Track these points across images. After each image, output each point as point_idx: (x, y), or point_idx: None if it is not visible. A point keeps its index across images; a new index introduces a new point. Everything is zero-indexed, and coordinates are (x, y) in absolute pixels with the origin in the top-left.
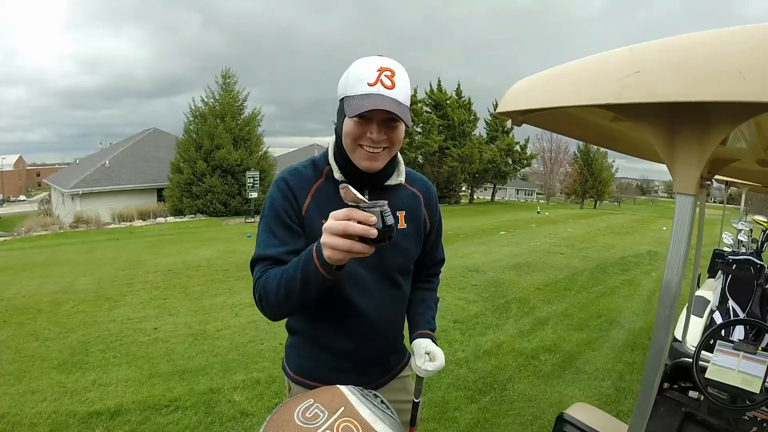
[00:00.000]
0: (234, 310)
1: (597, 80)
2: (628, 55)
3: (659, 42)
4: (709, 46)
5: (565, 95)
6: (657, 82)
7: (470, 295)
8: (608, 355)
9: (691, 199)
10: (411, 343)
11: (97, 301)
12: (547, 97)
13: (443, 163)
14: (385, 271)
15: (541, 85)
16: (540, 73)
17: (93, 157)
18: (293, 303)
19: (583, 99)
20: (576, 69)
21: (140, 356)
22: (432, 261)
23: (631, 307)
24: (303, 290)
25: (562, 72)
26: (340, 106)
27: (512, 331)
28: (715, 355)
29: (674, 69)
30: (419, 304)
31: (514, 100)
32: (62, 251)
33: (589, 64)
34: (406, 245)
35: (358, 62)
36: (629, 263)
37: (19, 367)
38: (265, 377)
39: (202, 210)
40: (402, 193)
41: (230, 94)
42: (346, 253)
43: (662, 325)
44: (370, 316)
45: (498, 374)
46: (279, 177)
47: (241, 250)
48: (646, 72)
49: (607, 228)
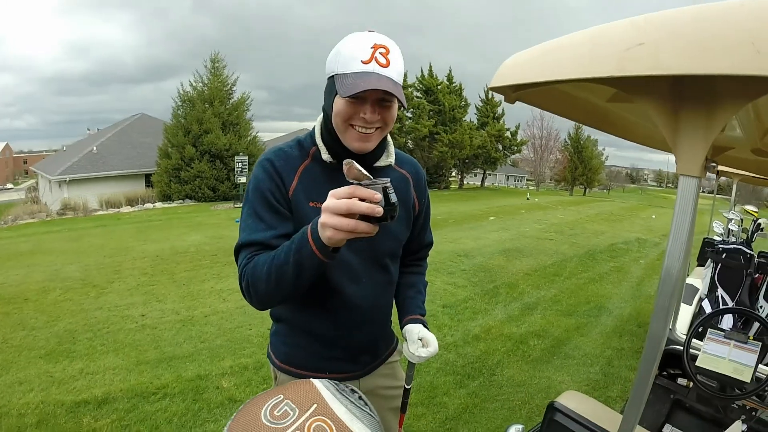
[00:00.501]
0: (222, 296)
1: (597, 52)
2: (630, 26)
3: (663, 13)
4: (719, 17)
5: (562, 68)
6: (662, 53)
7: (459, 280)
8: (597, 340)
9: (695, 181)
10: (402, 328)
11: (84, 289)
12: (543, 70)
13: (433, 149)
14: (374, 256)
15: (537, 58)
16: (536, 46)
17: (80, 144)
18: (285, 290)
19: (582, 72)
20: (574, 41)
21: (128, 344)
22: (420, 244)
23: (619, 294)
24: (297, 276)
25: (560, 44)
26: (329, 84)
27: (501, 316)
28: (706, 344)
29: (681, 40)
30: (408, 289)
31: (508, 74)
32: (49, 239)
33: (588, 36)
34: (396, 229)
35: (349, 38)
36: (618, 250)
37: (6, 357)
38: (253, 363)
39: (191, 195)
40: (391, 175)
41: (219, 78)
42: (349, 233)
43: (661, 313)
44: (359, 303)
45: (487, 359)
46: (263, 158)
47: (229, 235)
48: (650, 44)
49: (597, 215)
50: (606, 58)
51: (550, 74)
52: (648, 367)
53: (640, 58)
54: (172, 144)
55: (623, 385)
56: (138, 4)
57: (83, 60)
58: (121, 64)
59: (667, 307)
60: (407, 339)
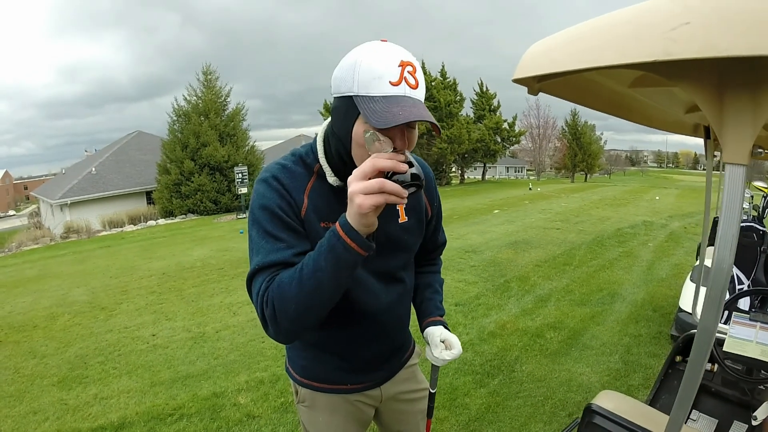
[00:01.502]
0: (232, 309)
1: (637, 35)
2: (672, 4)
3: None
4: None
5: (597, 54)
6: (712, 33)
7: (469, 276)
8: (613, 328)
9: (742, 169)
10: (423, 332)
11: (93, 312)
12: (575, 57)
13: (432, 145)
14: (388, 271)
15: (567, 45)
16: (562, 31)
17: (79, 165)
18: (321, 304)
19: (621, 57)
20: (609, 23)
21: (140, 365)
22: (434, 245)
23: (631, 279)
24: (334, 279)
25: (593, 27)
26: (343, 105)
27: (515, 310)
28: (732, 328)
29: (733, 17)
30: (425, 289)
31: (535, 64)
32: (54, 263)
33: (624, 17)
34: (408, 241)
35: (369, 53)
36: (626, 234)
37: (19, 388)
38: (268, 376)
39: (193, 209)
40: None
41: (212, 90)
42: (379, 208)
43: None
44: (377, 317)
45: (504, 356)
46: (268, 175)
47: (234, 247)
48: (698, 23)
49: (601, 200)
50: (649, 39)
51: (584, 61)
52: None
53: (686, 38)
54: (171, 159)
55: (644, 372)
56: (127, 23)
57: (77, 82)
58: (115, 84)
59: (718, 302)
60: (429, 343)
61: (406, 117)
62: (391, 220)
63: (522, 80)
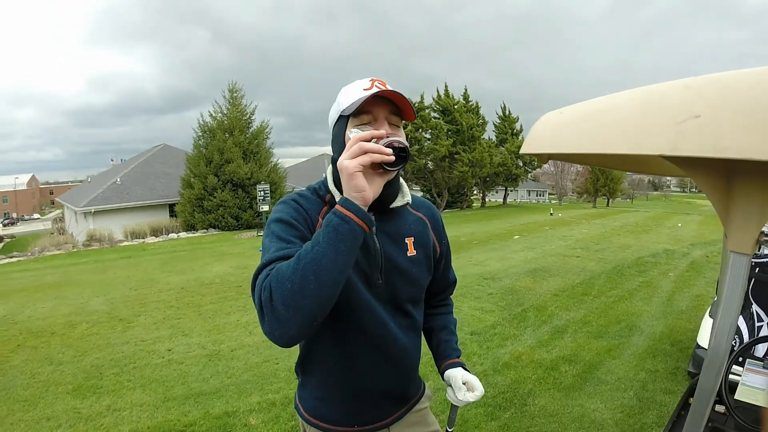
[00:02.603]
0: (248, 329)
1: (645, 124)
2: (684, 91)
3: (722, 77)
4: None
5: (605, 140)
6: (723, 131)
7: (486, 304)
8: (629, 363)
9: (746, 258)
10: (443, 374)
11: (111, 323)
12: (582, 141)
13: (453, 168)
14: (396, 303)
15: (574, 125)
16: (571, 107)
17: (104, 175)
18: (318, 281)
19: (627, 146)
20: (617, 106)
21: (154, 379)
22: (444, 285)
23: (650, 311)
24: (333, 251)
25: (600, 109)
26: (337, 127)
27: (531, 341)
28: (745, 375)
29: (746, 117)
30: (441, 331)
31: (542, 142)
32: (75, 271)
33: (633, 100)
34: (417, 273)
35: (347, 86)
36: (646, 263)
37: (34, 393)
38: (280, 399)
39: (214, 224)
40: (409, 218)
41: (238, 108)
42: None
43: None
44: (385, 349)
45: (518, 388)
46: (287, 198)
47: (253, 264)
48: (709, 117)
49: (622, 227)
50: (658, 130)
51: (589, 145)
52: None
53: (696, 134)
54: (195, 174)
55: (659, 410)
56: (159, 37)
57: (107, 92)
58: (144, 96)
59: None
60: (452, 385)
61: (369, 93)
62: (400, 252)
63: (530, 154)
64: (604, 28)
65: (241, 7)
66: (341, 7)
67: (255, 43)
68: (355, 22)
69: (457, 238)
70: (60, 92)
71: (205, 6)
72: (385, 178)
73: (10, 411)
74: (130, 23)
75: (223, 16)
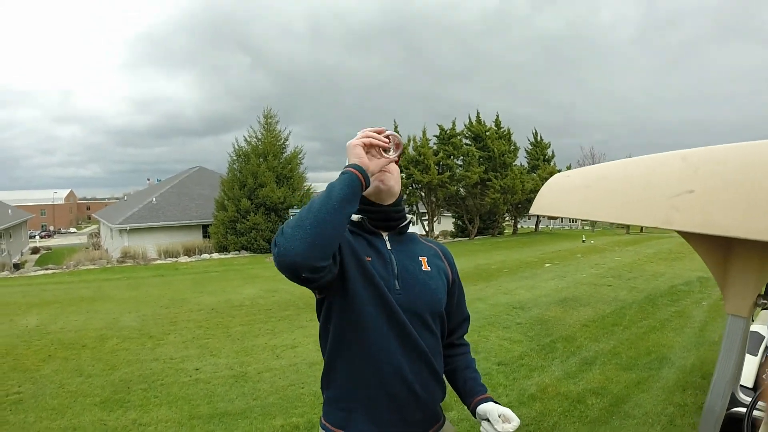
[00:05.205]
0: (275, 352)
1: (642, 196)
2: (681, 164)
3: (716, 150)
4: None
5: (604, 209)
6: (714, 208)
7: (515, 334)
8: (658, 396)
9: (743, 321)
10: (474, 410)
11: (141, 339)
12: (586, 208)
13: (485, 195)
14: (416, 311)
15: (579, 192)
16: (575, 171)
17: (141, 194)
18: (329, 210)
19: (624, 217)
20: (617, 175)
21: (181, 397)
22: (461, 318)
23: (682, 342)
24: (340, 191)
25: (601, 176)
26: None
27: (558, 372)
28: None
29: (735, 192)
30: (465, 370)
31: (550, 207)
32: (109, 286)
33: (632, 171)
34: (433, 285)
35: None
36: (679, 292)
37: (62, 402)
38: (304, 423)
39: (246, 247)
40: (420, 244)
41: (272, 133)
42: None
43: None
44: (409, 353)
45: (542, 421)
46: None
47: (283, 288)
48: (702, 192)
49: (655, 254)
50: (653, 203)
51: (591, 213)
52: None
53: (688, 209)
54: (229, 197)
55: None
56: (200, 63)
57: (147, 114)
58: (183, 118)
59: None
60: (490, 418)
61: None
62: (415, 265)
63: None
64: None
65: (280, 34)
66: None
67: (291, 69)
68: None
69: (488, 266)
70: (103, 112)
71: (246, 33)
72: (382, 161)
73: (38, 418)
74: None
75: (262, 43)
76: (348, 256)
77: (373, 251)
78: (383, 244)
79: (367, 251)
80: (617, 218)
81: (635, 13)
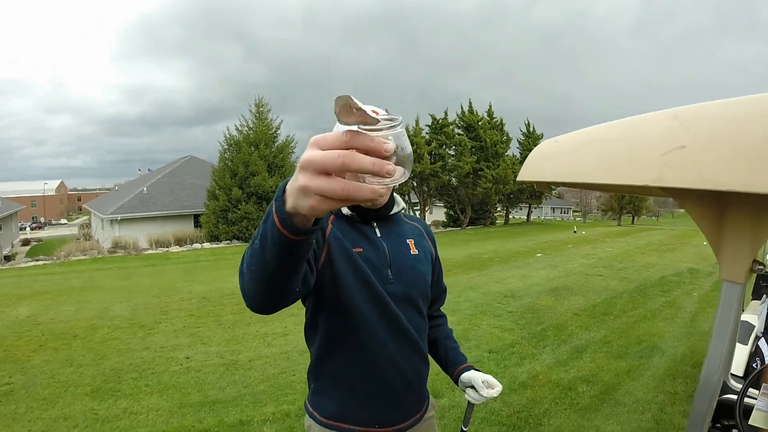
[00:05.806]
0: (266, 340)
1: (632, 155)
2: (672, 122)
3: (709, 106)
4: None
5: (594, 171)
6: (707, 163)
7: (506, 322)
8: (649, 384)
9: (738, 287)
10: (457, 378)
11: (132, 329)
12: (575, 171)
13: (477, 185)
14: (409, 298)
15: (568, 155)
16: (564, 136)
17: (132, 184)
18: (255, 270)
19: (615, 177)
20: (607, 137)
21: (172, 385)
22: (440, 290)
23: (672, 332)
24: (261, 251)
25: (591, 139)
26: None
27: (549, 360)
28: (760, 400)
29: (729, 147)
30: (445, 340)
31: (536, 171)
32: (100, 276)
33: (622, 131)
34: (422, 268)
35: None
36: (670, 283)
37: (53, 392)
38: (295, 410)
39: (238, 236)
40: (405, 225)
41: (264, 122)
42: (344, 201)
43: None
44: (401, 343)
45: (533, 408)
46: None
47: None
48: (694, 148)
49: (646, 245)
50: (644, 162)
51: (580, 175)
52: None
53: (680, 165)
54: (220, 186)
55: None
56: (193, 52)
57: (139, 103)
58: (175, 107)
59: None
60: (474, 385)
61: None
62: (404, 251)
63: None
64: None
65: (274, 24)
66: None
67: (285, 59)
68: (385, 39)
69: (480, 255)
70: (95, 101)
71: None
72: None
73: (29, 408)
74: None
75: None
76: (336, 251)
77: (364, 241)
78: (373, 233)
79: (357, 242)
80: (608, 179)
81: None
